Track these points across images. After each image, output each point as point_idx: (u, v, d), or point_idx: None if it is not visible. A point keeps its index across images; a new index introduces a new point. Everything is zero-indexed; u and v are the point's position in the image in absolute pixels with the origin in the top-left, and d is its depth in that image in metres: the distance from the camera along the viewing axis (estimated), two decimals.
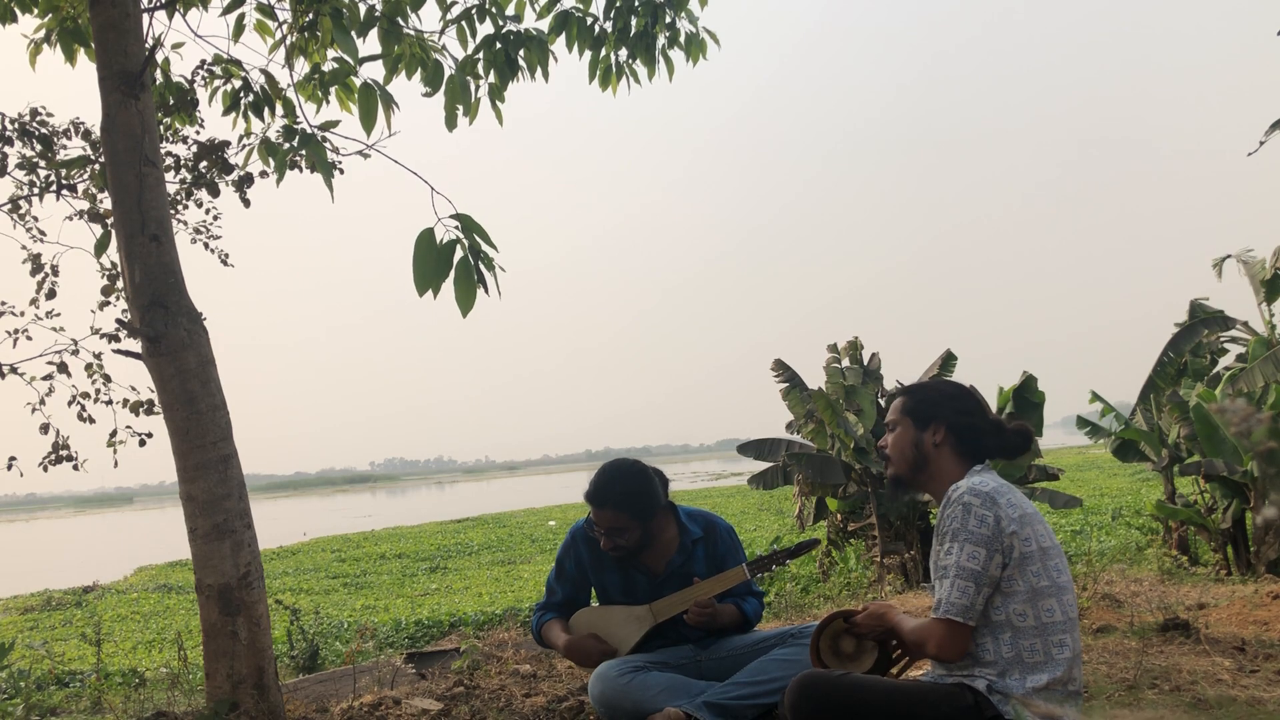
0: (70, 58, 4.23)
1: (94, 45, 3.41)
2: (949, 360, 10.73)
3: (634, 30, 4.37)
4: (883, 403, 11.04)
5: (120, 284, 4.20)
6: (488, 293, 2.72)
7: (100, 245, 4.27)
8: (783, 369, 11.42)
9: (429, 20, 16.79)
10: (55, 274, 4.46)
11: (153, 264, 3.28)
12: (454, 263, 2.68)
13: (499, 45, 4.13)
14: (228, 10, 3.90)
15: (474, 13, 4.14)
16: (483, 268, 2.72)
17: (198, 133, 4.47)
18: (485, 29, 4.16)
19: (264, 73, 4.05)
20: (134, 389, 4.39)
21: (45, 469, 4.32)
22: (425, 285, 2.63)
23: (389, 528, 30.11)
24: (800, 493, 11.11)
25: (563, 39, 4.34)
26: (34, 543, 42.76)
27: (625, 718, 2.97)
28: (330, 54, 4.16)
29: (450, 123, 3.92)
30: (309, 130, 3.77)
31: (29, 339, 4.33)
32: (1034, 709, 2.18)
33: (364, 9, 3.93)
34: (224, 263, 4.73)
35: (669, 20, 4.40)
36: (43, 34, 4.21)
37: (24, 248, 4.45)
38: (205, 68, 4.18)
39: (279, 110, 4.16)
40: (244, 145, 4.24)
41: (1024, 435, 2.46)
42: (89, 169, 4.42)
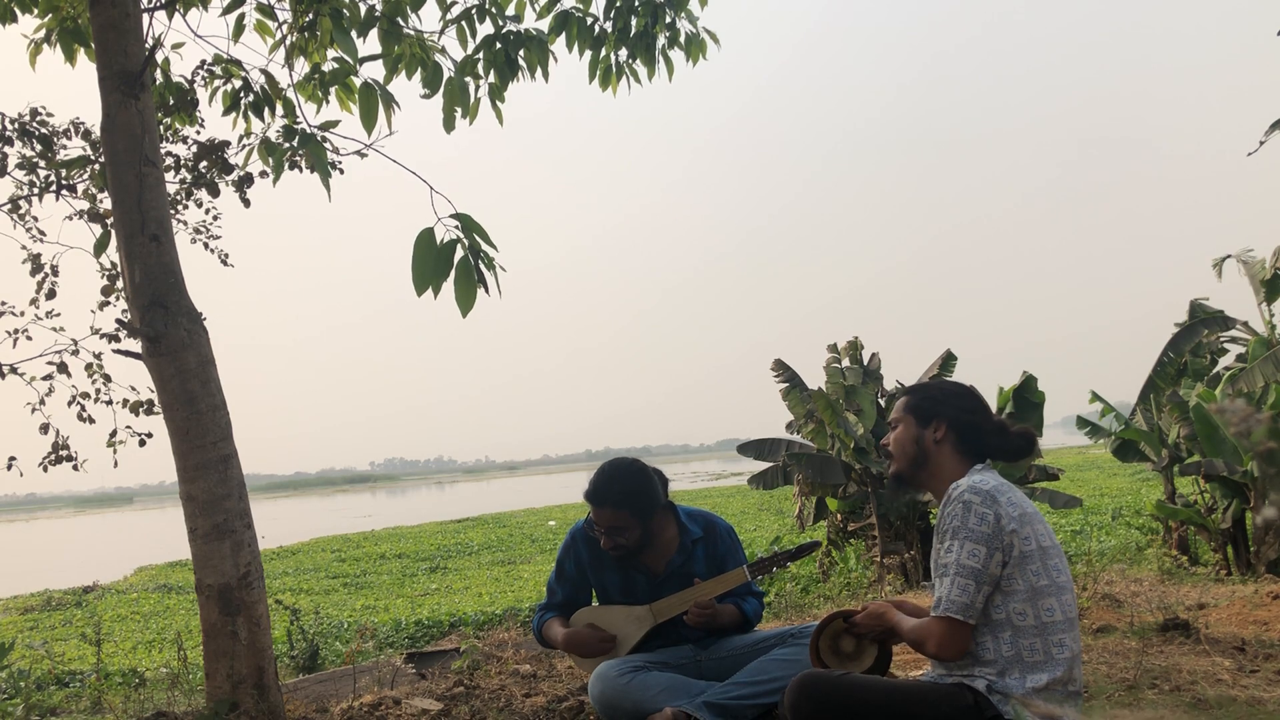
0: (70, 58, 4.23)
1: (94, 45, 3.41)
2: (949, 360, 10.73)
3: (634, 30, 4.38)
4: (883, 403, 11.04)
5: (120, 284, 4.20)
6: (488, 292, 2.72)
7: (100, 245, 4.27)
8: (783, 369, 11.42)
9: (429, 20, 16.79)
10: (55, 274, 4.46)
11: (153, 264, 3.28)
12: (454, 262, 2.68)
13: (499, 45, 4.13)
14: (228, 10, 3.91)
15: (474, 13, 4.14)
16: (483, 267, 2.72)
17: (198, 133, 4.47)
18: (485, 29, 4.17)
19: (264, 73, 4.06)
20: (134, 389, 4.39)
21: (45, 469, 4.32)
22: (425, 285, 2.63)
23: (389, 528, 30.10)
24: (800, 493, 11.11)
25: (563, 39, 4.34)
26: (34, 543, 42.74)
27: (625, 718, 2.97)
28: (330, 54, 4.16)
29: (448, 124, 3.92)
30: (309, 130, 3.78)
31: (29, 339, 4.33)
32: (1034, 709, 2.18)
33: (364, 9, 3.93)
34: (224, 263, 4.73)
35: (669, 20, 4.40)
36: (43, 34, 4.21)
37: (24, 248, 4.45)
38: (205, 68, 4.18)
39: (279, 110, 4.16)
40: (244, 145, 4.24)
41: (1027, 439, 2.46)
42: (89, 169, 4.42)
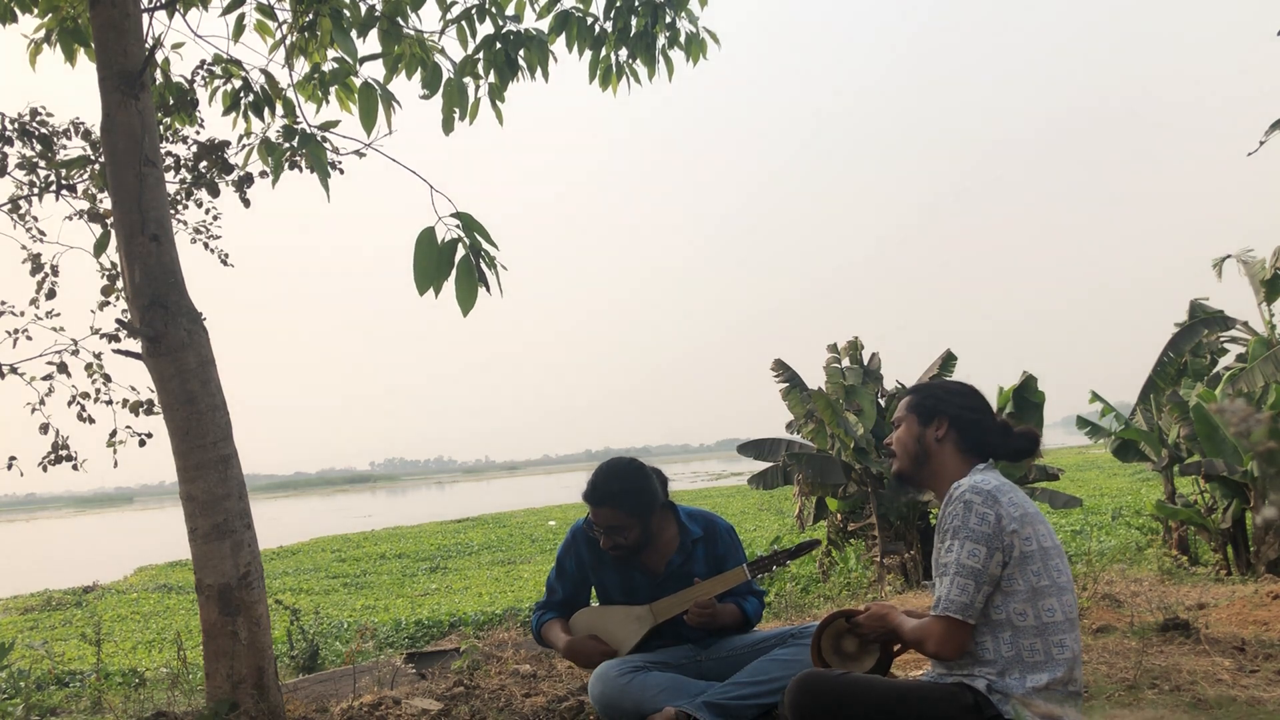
0: (70, 58, 4.23)
1: (94, 45, 3.41)
2: (949, 360, 10.74)
3: (634, 30, 4.38)
4: (883, 403, 11.05)
5: (120, 284, 4.19)
6: (489, 291, 2.72)
7: (100, 245, 4.26)
8: (783, 369, 11.43)
9: (429, 20, 16.80)
10: (55, 274, 4.45)
11: (153, 264, 3.28)
12: (455, 261, 2.68)
13: (499, 45, 4.13)
14: (228, 10, 3.90)
15: (474, 13, 4.14)
16: (484, 266, 2.71)
17: (198, 133, 4.46)
18: (485, 29, 4.16)
19: (264, 73, 4.06)
20: (134, 389, 4.38)
21: (45, 469, 4.32)
22: (426, 284, 2.63)
23: (389, 528, 30.11)
24: (800, 493, 11.11)
25: (563, 39, 4.34)
26: (34, 543, 42.74)
27: (625, 718, 2.97)
28: (330, 54, 4.16)
29: (447, 126, 3.92)
30: (309, 130, 3.77)
31: (29, 339, 4.32)
32: (1034, 709, 2.18)
33: (364, 9, 3.93)
34: (224, 263, 4.72)
35: (669, 20, 4.40)
36: (43, 34, 4.21)
37: (24, 248, 4.44)
38: (205, 68, 4.18)
39: (279, 110, 4.16)
40: (244, 145, 4.24)
41: (1030, 438, 2.47)
42: (89, 169, 4.41)
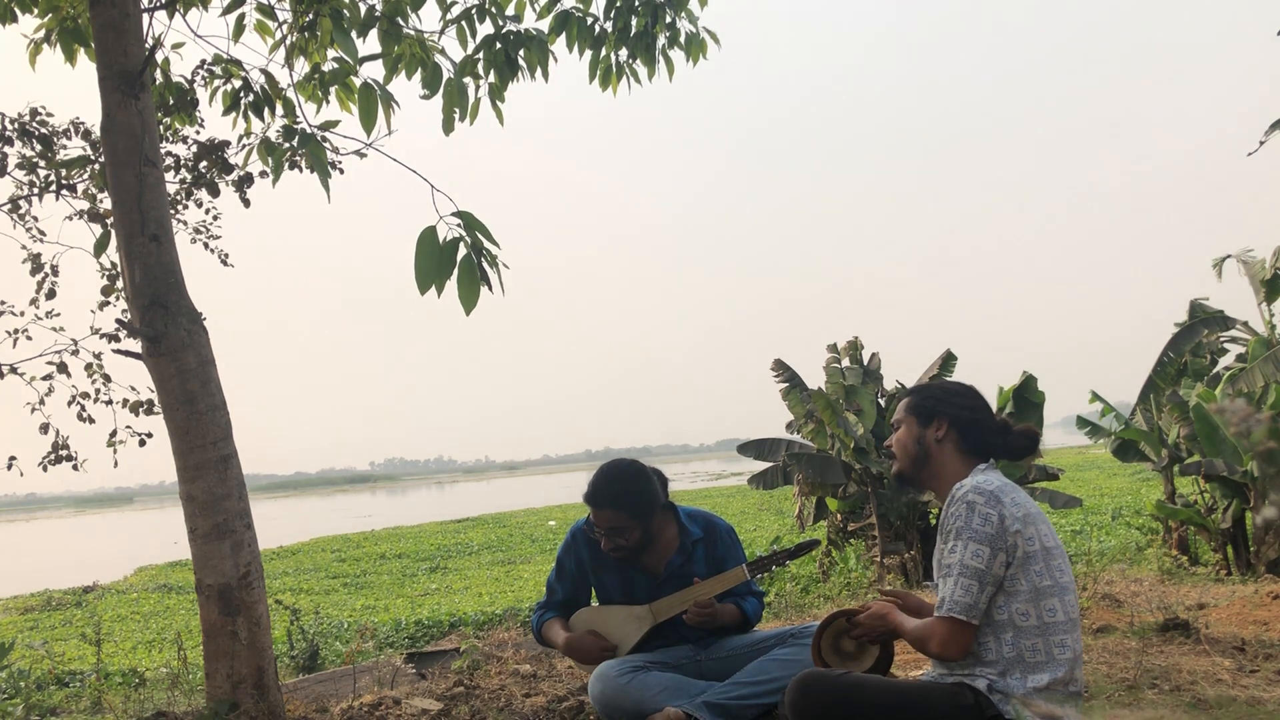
0: (70, 58, 4.22)
1: (94, 45, 3.41)
2: (949, 360, 10.73)
3: (634, 30, 4.37)
4: (883, 403, 11.04)
5: (120, 284, 4.19)
6: (491, 290, 2.71)
7: (100, 245, 4.26)
8: (783, 369, 11.42)
9: (429, 20, 16.79)
10: (55, 274, 4.45)
11: (153, 264, 3.28)
12: (457, 261, 2.68)
13: (499, 45, 4.13)
14: (228, 10, 3.90)
15: (474, 13, 4.14)
16: (486, 265, 2.71)
17: (198, 133, 4.46)
18: (485, 29, 4.16)
19: (264, 73, 4.06)
20: (134, 389, 4.38)
21: (45, 469, 4.31)
22: (428, 283, 2.62)
23: (389, 528, 30.10)
24: (800, 493, 11.11)
25: (563, 39, 4.34)
26: (34, 543, 42.74)
27: (625, 718, 2.97)
28: (330, 54, 4.16)
29: (447, 126, 3.92)
30: (309, 130, 3.77)
31: (29, 339, 4.32)
32: (1034, 709, 2.18)
33: (364, 9, 3.92)
34: (224, 263, 4.72)
35: (669, 20, 4.40)
36: (43, 34, 4.21)
37: (24, 248, 4.44)
38: (205, 68, 4.18)
39: (279, 110, 4.16)
40: (244, 145, 4.24)
41: (1030, 438, 2.47)
42: (89, 169, 4.41)
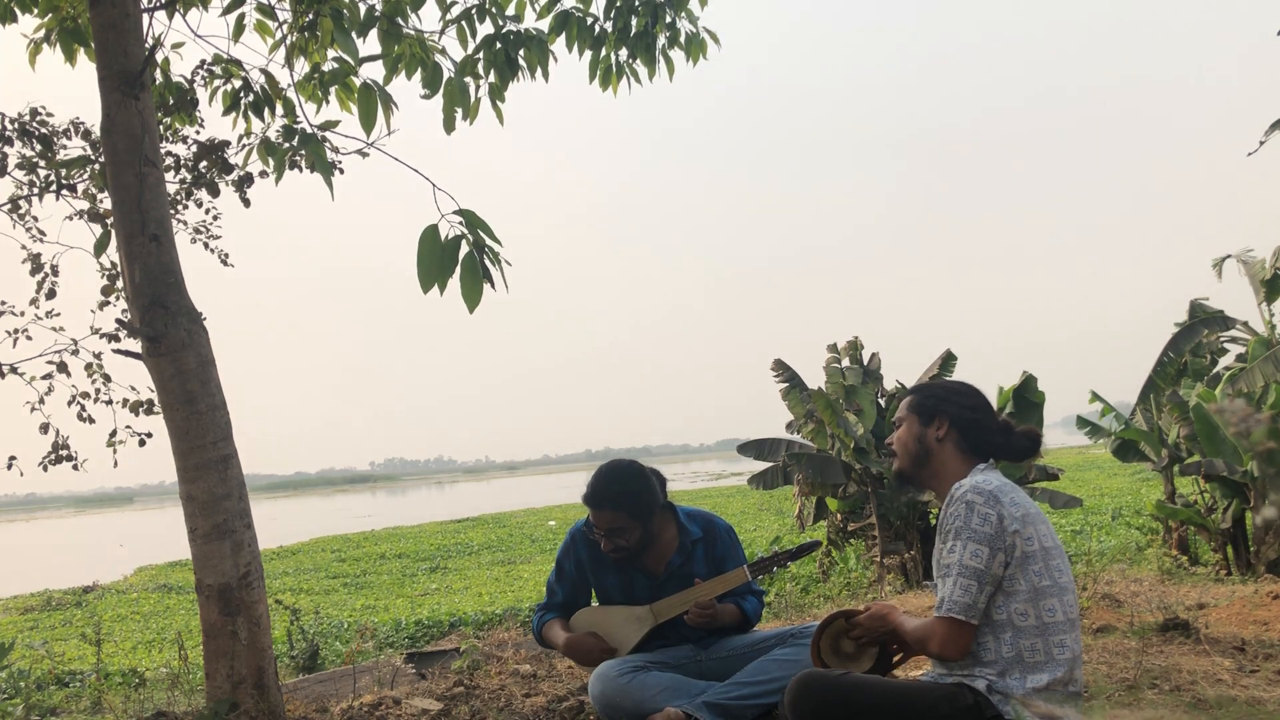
0: (70, 58, 4.22)
1: (94, 45, 3.41)
2: (949, 360, 10.73)
3: (634, 30, 4.38)
4: (883, 403, 11.04)
5: (120, 284, 4.19)
6: (494, 288, 2.71)
7: (100, 245, 4.26)
8: (783, 369, 11.42)
9: (429, 20, 16.78)
10: (55, 274, 4.45)
11: (153, 264, 3.28)
12: (459, 259, 2.68)
13: (499, 45, 4.13)
14: (228, 10, 3.90)
15: (474, 13, 4.14)
16: (488, 263, 2.71)
17: (198, 133, 4.46)
18: (485, 29, 4.16)
19: (264, 73, 4.05)
20: (134, 389, 4.38)
21: (45, 469, 4.31)
22: (430, 282, 2.62)
23: (389, 528, 30.10)
24: (800, 493, 11.11)
25: (563, 39, 4.35)
26: (34, 543, 42.74)
27: (625, 718, 2.97)
28: (330, 54, 4.15)
29: (448, 125, 3.92)
30: (309, 130, 3.77)
31: (29, 339, 4.31)
32: (1034, 709, 2.18)
33: (364, 9, 3.92)
34: (224, 263, 4.72)
35: (669, 20, 4.40)
36: (43, 34, 4.21)
37: (24, 248, 4.44)
38: (205, 68, 4.18)
39: (279, 110, 4.16)
40: (244, 145, 4.23)
41: (1032, 439, 2.47)
42: (89, 169, 4.41)
